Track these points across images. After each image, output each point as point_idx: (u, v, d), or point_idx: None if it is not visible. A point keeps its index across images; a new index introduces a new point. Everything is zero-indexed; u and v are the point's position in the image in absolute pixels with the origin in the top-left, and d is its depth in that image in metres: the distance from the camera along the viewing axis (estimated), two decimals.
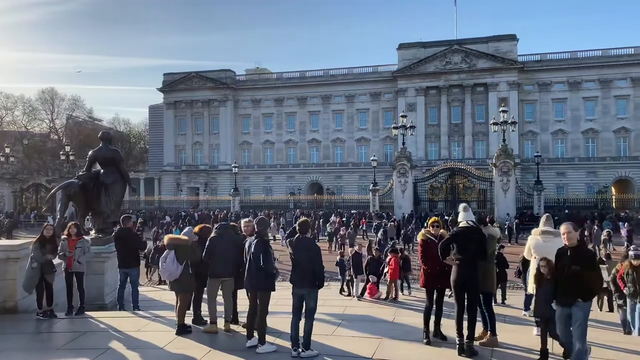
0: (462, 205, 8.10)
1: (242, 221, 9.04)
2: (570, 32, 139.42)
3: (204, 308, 9.00)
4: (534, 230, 8.70)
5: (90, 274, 10.92)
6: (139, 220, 31.98)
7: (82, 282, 10.17)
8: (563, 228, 6.75)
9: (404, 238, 26.79)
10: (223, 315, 8.67)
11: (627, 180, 56.34)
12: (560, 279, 6.69)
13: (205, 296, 8.95)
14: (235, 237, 8.70)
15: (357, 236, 29.74)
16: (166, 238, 9.14)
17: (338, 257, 16.12)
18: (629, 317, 9.88)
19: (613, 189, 56.67)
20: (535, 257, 8.13)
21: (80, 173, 13.00)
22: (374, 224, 34.04)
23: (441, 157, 58.85)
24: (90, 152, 12.81)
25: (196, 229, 9.47)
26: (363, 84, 65.10)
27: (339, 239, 26.80)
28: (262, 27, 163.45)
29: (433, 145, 62.16)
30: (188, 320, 8.77)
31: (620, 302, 10.32)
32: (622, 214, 39.51)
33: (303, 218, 8.18)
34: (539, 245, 8.26)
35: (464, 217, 7.72)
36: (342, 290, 15.25)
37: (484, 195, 43.05)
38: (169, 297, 11.05)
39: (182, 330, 8.45)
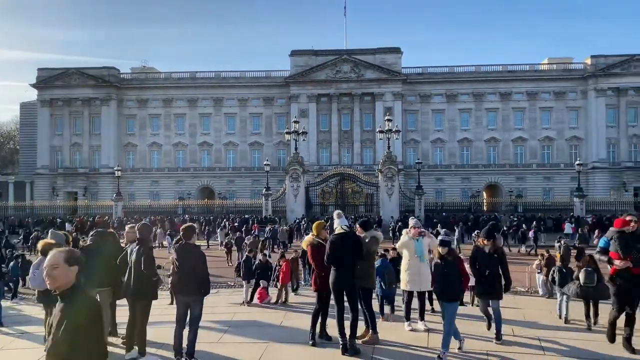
0: (336, 212, 8.43)
1: (127, 227, 8.61)
2: (449, 47, 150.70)
3: None
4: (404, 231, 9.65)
5: None
6: None
7: None
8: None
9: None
10: None
11: (496, 185, 62.23)
12: None
13: None
14: (113, 244, 8.24)
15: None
16: (41, 243, 8.39)
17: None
18: None
19: (484, 194, 62.24)
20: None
21: None
22: (267, 228, 34.11)
23: (332, 163, 60.51)
24: None
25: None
26: (256, 88, 64.92)
27: (244, 247, 22.68)
28: (149, 25, 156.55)
29: (324, 151, 63.75)
30: None
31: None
32: (492, 215, 43.61)
33: (188, 224, 7.94)
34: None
35: (338, 223, 8.00)
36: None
37: (371, 199, 45.09)
38: (40, 311, 10.17)
39: None
